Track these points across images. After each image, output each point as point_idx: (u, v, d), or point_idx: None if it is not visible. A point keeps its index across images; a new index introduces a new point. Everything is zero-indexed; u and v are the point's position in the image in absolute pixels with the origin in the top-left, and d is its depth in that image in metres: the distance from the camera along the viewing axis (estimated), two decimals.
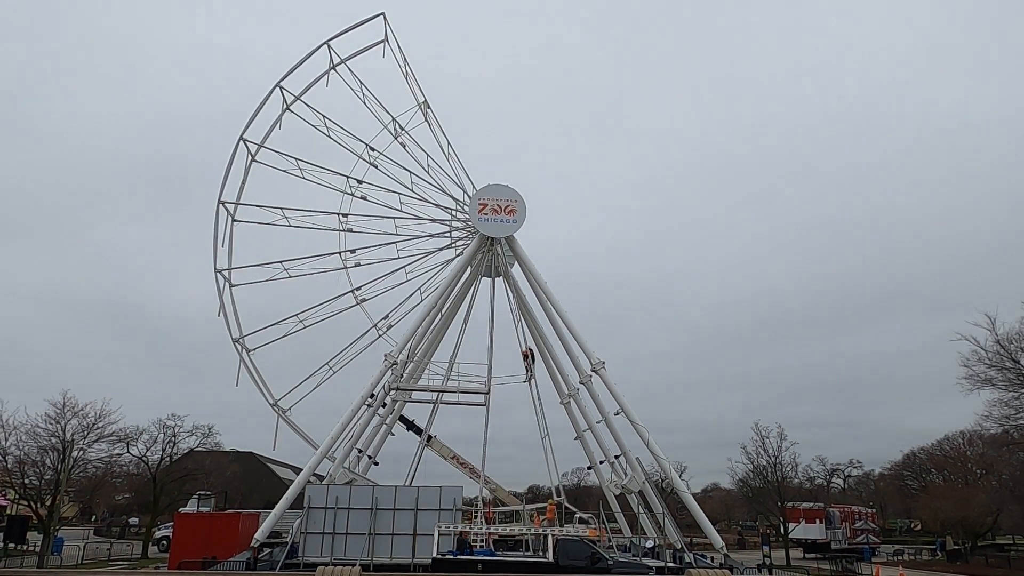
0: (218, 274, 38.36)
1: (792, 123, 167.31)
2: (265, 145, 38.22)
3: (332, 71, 38.38)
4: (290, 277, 38.25)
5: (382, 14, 38.17)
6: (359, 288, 39.75)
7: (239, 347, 38.07)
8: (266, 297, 40.85)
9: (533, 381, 40.37)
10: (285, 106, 38.15)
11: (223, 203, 38.08)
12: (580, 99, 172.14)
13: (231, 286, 38.51)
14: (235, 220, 38.30)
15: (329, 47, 38.07)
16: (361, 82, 38.55)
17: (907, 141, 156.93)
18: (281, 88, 37.96)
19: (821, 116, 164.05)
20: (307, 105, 38.38)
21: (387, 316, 40.42)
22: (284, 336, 38.49)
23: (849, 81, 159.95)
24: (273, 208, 37.76)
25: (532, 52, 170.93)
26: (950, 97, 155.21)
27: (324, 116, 38.16)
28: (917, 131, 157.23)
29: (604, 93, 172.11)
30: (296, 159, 37.73)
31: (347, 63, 38.54)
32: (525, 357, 40.47)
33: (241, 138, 37.87)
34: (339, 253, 38.92)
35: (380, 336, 39.88)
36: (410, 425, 41.57)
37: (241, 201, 38.31)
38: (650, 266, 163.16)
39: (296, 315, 38.22)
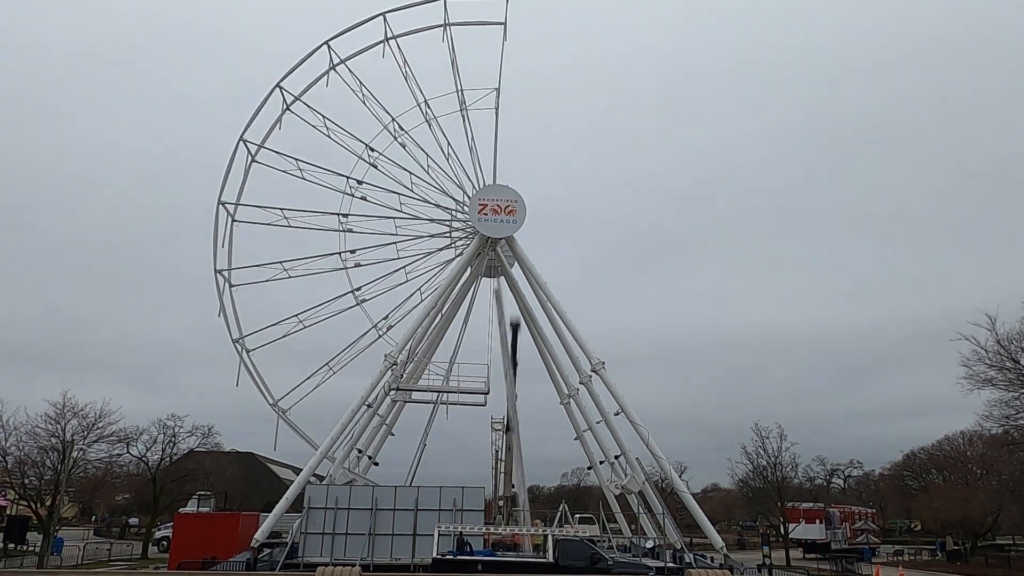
0: (218, 275, 38.44)
1: None
2: (265, 146, 38.26)
3: (332, 71, 38.43)
4: (290, 277, 38.41)
5: (382, 15, 38.22)
6: (359, 289, 39.80)
7: (239, 347, 38.13)
8: (266, 297, 40.65)
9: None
10: (285, 106, 38.25)
11: (223, 204, 38.18)
12: None
13: (231, 286, 38.59)
14: (235, 220, 38.40)
15: (329, 47, 38.14)
16: (361, 82, 38.68)
17: None
18: (281, 88, 38.06)
19: None
20: (307, 105, 38.47)
21: (387, 316, 40.50)
22: (284, 336, 38.58)
23: None
24: (273, 208, 37.85)
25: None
26: None
27: (324, 117, 38.33)
28: None
29: None
30: (296, 159, 37.88)
31: (347, 64, 38.53)
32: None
33: (241, 139, 37.97)
34: (339, 253, 39.02)
35: (380, 336, 39.94)
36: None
37: (241, 202, 38.36)
38: None
39: (296, 315, 38.32)
